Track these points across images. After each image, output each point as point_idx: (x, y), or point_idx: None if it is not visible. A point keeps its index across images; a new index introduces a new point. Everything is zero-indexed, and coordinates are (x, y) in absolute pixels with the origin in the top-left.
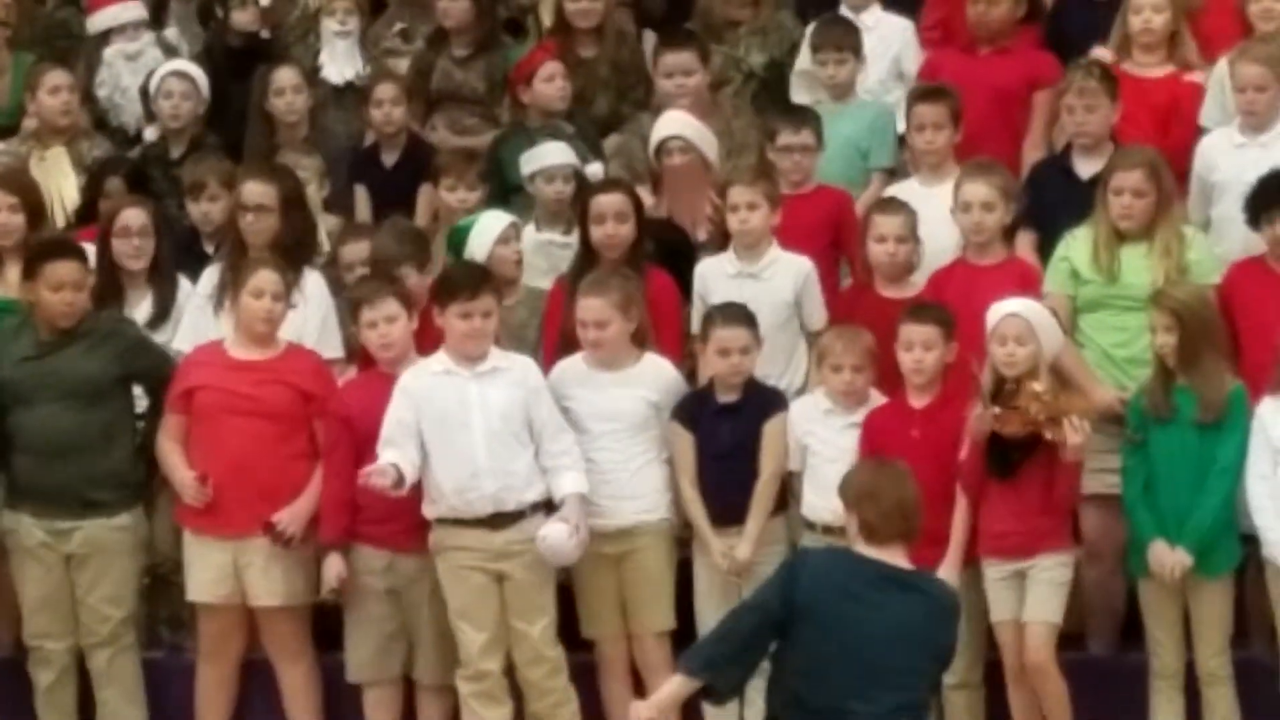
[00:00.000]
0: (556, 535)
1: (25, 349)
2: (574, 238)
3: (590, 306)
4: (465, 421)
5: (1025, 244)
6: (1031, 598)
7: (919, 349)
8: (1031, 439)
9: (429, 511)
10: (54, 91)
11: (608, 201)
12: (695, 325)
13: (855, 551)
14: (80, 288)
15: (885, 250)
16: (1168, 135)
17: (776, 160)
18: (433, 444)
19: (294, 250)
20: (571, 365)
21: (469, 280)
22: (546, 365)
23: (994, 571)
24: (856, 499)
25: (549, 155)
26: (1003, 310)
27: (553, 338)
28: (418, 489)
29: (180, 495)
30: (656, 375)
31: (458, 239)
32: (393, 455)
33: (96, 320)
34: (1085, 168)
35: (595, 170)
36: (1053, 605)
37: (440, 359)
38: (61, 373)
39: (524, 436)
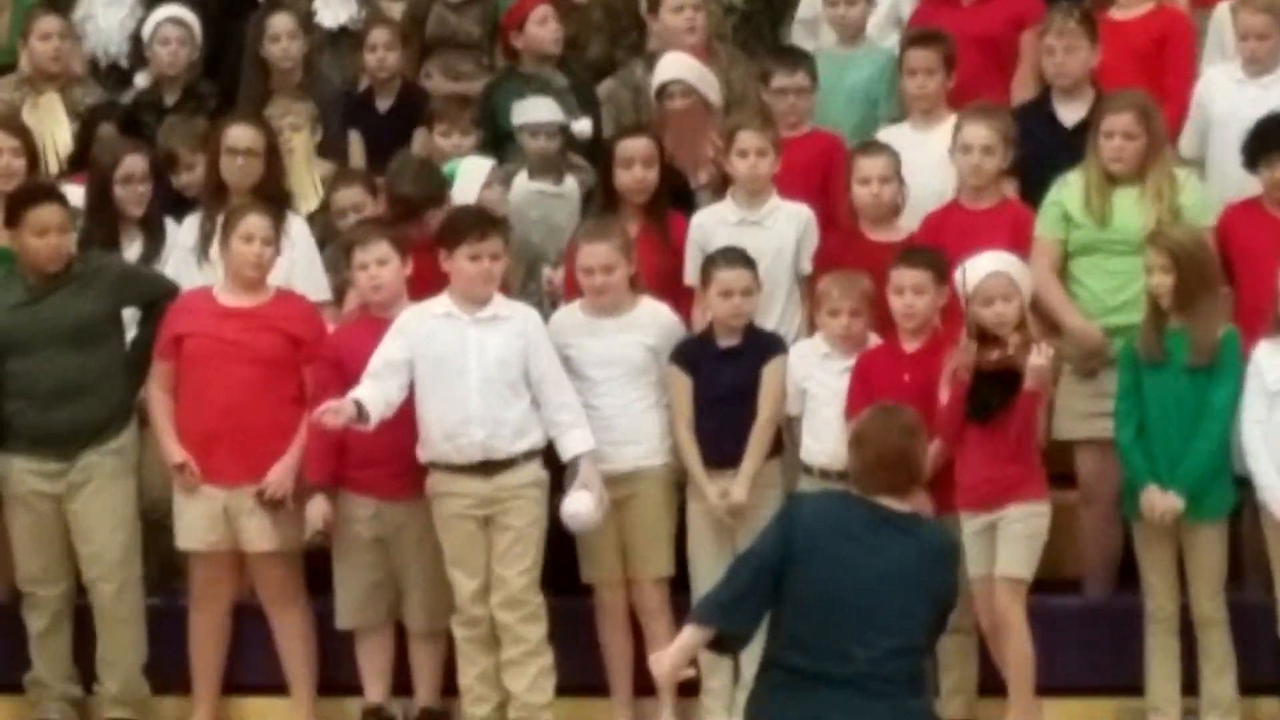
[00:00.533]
0: (585, 510)
1: (16, 296)
2: (565, 187)
3: (596, 252)
4: (461, 367)
5: (1008, 190)
6: (1001, 553)
7: (910, 293)
8: (1010, 380)
9: (421, 455)
10: (44, 38)
11: (635, 146)
12: (690, 274)
13: (851, 494)
14: (64, 230)
15: (869, 192)
16: (1152, 77)
17: (771, 102)
18: (426, 387)
19: (276, 197)
20: (569, 313)
21: (477, 222)
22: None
23: (969, 525)
24: (849, 444)
25: (535, 111)
26: (983, 270)
27: (573, 282)
28: (411, 435)
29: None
30: (654, 319)
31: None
32: (365, 390)
33: (82, 262)
34: (1068, 114)
35: (583, 127)
36: (1021, 560)
37: (442, 301)
38: (56, 317)
39: (519, 386)
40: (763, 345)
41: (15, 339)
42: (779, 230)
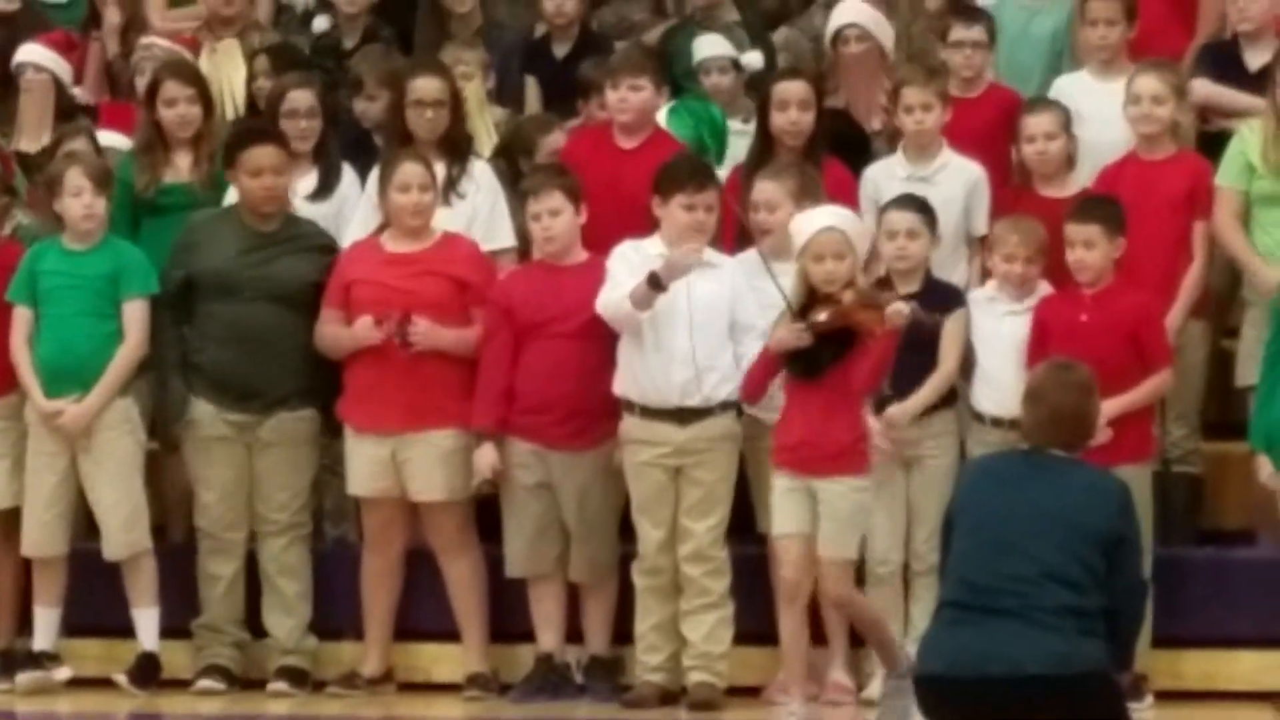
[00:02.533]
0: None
1: (237, 243)
2: (752, 125)
3: (762, 189)
4: (671, 308)
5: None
6: (825, 532)
7: (1080, 248)
8: (842, 338)
9: (618, 388)
10: None
11: (791, 89)
12: None
13: (1020, 448)
14: (280, 172)
15: (1035, 150)
16: None
17: (948, 57)
18: None
19: (461, 143)
20: (743, 258)
21: (694, 172)
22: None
23: (780, 483)
24: (1023, 398)
25: (705, 48)
26: (814, 226)
27: (731, 226)
28: (574, 384)
29: (357, 342)
30: None
31: None
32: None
33: (312, 227)
34: (1253, 58)
35: (752, 59)
36: (848, 543)
37: (655, 243)
38: (275, 271)
39: (725, 336)
40: (942, 295)
41: (228, 284)
42: (947, 188)
